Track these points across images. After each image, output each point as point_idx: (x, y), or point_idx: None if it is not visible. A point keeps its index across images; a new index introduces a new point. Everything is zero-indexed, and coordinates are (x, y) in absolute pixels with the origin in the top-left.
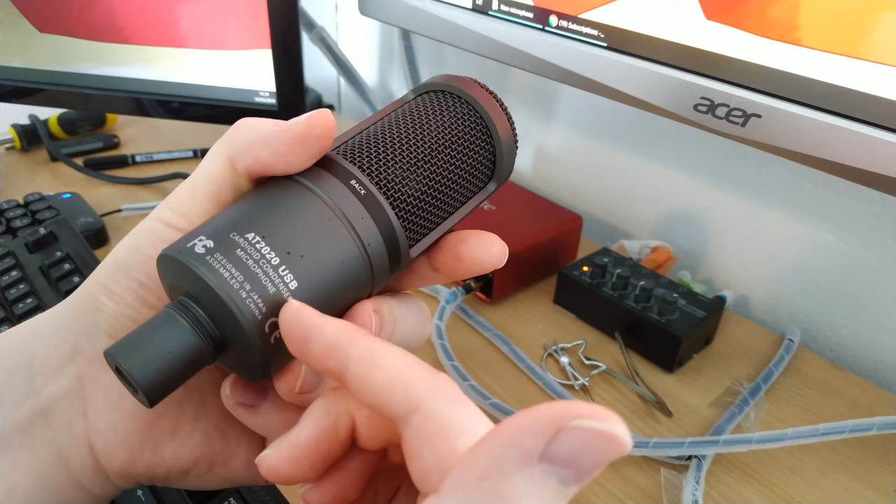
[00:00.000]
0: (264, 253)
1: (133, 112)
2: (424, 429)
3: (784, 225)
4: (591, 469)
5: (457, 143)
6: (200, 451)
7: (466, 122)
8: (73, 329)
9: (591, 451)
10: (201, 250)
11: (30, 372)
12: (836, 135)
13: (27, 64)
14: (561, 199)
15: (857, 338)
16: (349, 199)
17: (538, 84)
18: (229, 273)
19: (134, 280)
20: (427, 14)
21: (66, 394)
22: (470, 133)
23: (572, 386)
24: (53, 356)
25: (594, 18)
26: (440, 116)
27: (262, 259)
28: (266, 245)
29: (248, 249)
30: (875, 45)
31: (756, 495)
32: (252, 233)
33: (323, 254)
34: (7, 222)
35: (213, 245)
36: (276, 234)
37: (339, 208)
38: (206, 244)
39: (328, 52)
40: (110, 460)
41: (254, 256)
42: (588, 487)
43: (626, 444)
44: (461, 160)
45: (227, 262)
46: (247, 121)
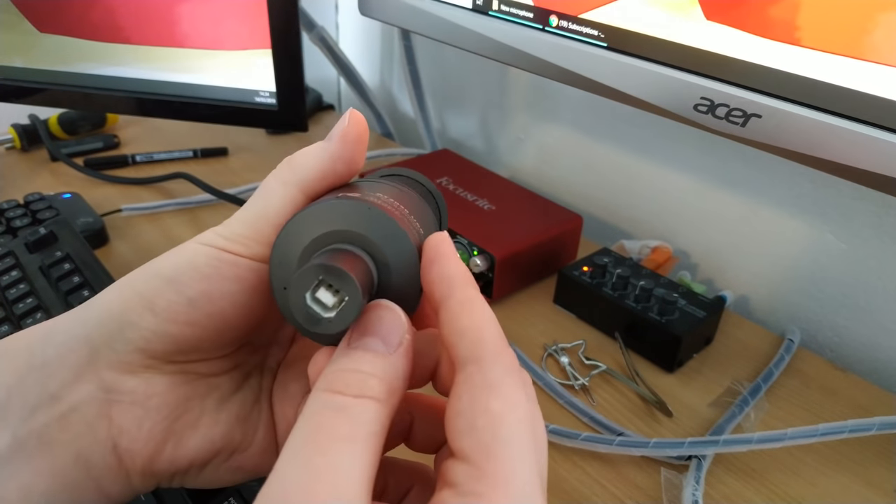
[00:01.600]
0: (396, 203)
1: (133, 112)
2: (473, 379)
3: (784, 225)
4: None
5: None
6: (222, 442)
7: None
8: (95, 335)
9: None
10: (355, 194)
11: (42, 373)
12: (836, 135)
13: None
14: (561, 199)
15: (857, 338)
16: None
17: (538, 84)
18: (390, 207)
19: (184, 296)
20: (427, 14)
21: (87, 399)
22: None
23: (572, 386)
24: (69, 359)
25: (594, 18)
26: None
27: (396, 206)
28: (401, 204)
29: (385, 200)
30: (875, 45)
31: (756, 495)
32: (379, 192)
33: (426, 217)
34: (7, 222)
35: (360, 194)
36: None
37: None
38: (352, 194)
39: (328, 52)
40: (134, 459)
41: (390, 202)
42: (588, 487)
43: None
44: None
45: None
46: (301, 151)
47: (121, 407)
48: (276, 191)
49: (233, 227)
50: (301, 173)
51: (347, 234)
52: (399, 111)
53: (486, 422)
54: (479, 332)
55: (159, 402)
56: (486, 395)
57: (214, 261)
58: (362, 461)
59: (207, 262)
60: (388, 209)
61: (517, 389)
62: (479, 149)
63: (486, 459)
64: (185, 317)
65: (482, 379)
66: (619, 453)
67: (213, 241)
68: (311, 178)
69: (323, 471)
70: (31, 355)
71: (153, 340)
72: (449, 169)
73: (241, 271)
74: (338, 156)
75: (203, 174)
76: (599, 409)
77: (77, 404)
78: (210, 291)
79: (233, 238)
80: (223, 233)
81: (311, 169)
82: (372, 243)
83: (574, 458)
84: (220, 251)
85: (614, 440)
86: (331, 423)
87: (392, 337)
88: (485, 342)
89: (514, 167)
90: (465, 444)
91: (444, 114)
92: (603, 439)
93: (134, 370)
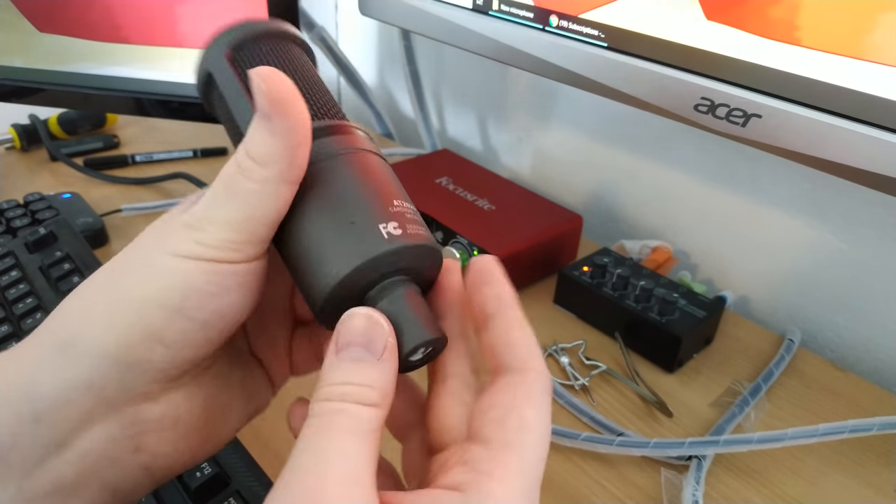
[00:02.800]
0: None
1: (133, 112)
2: (517, 385)
3: (784, 225)
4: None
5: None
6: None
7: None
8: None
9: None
10: (398, 231)
11: (39, 428)
12: (836, 135)
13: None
14: (561, 199)
15: (857, 338)
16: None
17: (538, 84)
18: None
19: (196, 322)
20: (427, 14)
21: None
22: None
23: (572, 386)
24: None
25: (594, 18)
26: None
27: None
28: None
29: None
30: (875, 45)
31: (756, 495)
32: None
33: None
34: (7, 222)
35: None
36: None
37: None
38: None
39: (328, 52)
40: (168, 472)
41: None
42: (588, 487)
43: None
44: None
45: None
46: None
47: (148, 437)
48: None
49: (219, 235)
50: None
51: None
52: (399, 111)
53: (517, 422)
54: (529, 348)
55: (187, 419)
56: (524, 402)
57: (215, 276)
58: (366, 450)
59: (208, 279)
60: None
61: (548, 408)
62: (479, 149)
63: (506, 450)
64: (200, 339)
65: (526, 388)
66: (619, 453)
67: (199, 252)
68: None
69: (333, 455)
70: (15, 411)
71: (169, 369)
72: (449, 169)
73: (241, 277)
74: (288, 128)
75: (203, 174)
76: (599, 409)
77: (91, 448)
78: (219, 308)
79: (223, 246)
80: (207, 241)
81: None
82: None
83: (574, 458)
84: (215, 263)
85: (614, 440)
86: (335, 420)
87: (376, 345)
88: (533, 358)
89: (514, 167)
90: (492, 433)
91: (444, 114)
92: (603, 439)
93: (153, 398)
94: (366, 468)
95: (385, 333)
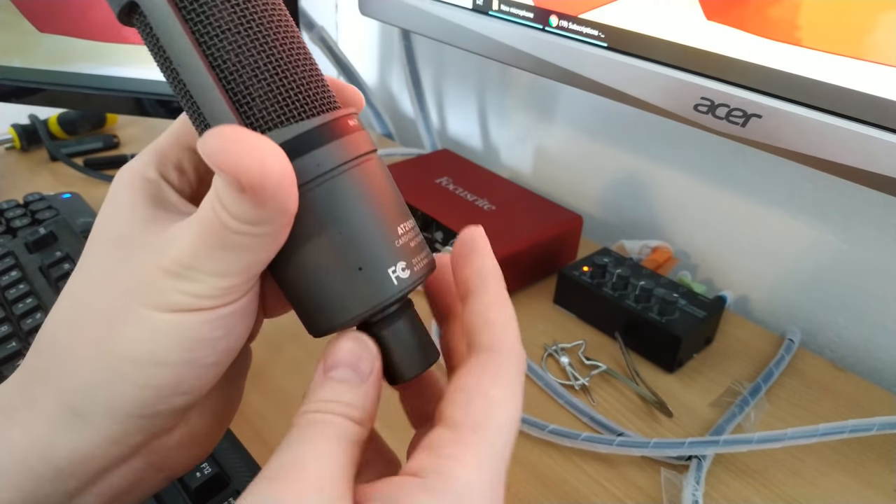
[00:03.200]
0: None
1: (133, 112)
2: (486, 364)
3: (784, 225)
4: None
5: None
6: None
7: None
8: (116, 435)
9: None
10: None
11: (57, 482)
12: (836, 135)
13: (27, 64)
14: (561, 199)
15: (857, 338)
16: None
17: (538, 84)
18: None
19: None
20: (427, 14)
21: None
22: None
23: (572, 386)
24: (89, 465)
25: (594, 18)
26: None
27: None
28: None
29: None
30: (875, 45)
31: (756, 495)
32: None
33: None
34: (7, 222)
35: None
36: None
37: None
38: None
39: (328, 52)
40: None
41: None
42: (588, 487)
43: None
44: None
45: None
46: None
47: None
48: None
49: (214, 283)
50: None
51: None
52: (399, 111)
53: (484, 403)
54: (504, 327)
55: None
56: (492, 382)
57: (217, 321)
58: (345, 457)
59: (212, 327)
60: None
61: (519, 388)
62: (479, 149)
63: (472, 433)
64: (214, 374)
65: (495, 367)
66: (619, 453)
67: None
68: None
69: (310, 457)
70: (32, 471)
71: (186, 408)
72: (449, 169)
73: (241, 311)
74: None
75: None
76: (599, 409)
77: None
78: (227, 347)
79: (219, 294)
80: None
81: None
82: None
83: (574, 458)
84: (215, 310)
85: (614, 440)
86: (316, 426)
87: (363, 366)
88: (507, 337)
89: (514, 167)
90: (457, 414)
91: (444, 114)
92: (603, 439)
93: (172, 429)
94: (341, 471)
95: (372, 358)
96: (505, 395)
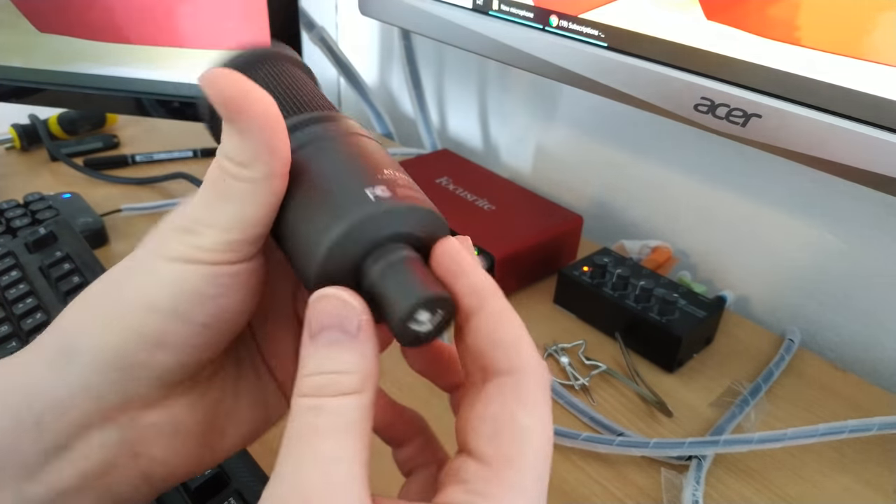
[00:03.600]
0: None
1: (133, 112)
2: (507, 389)
3: (784, 225)
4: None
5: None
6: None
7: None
8: (95, 384)
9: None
10: (387, 193)
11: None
12: (836, 135)
13: (27, 64)
14: (561, 199)
15: (857, 338)
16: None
17: (538, 84)
18: (418, 195)
19: (196, 324)
20: (427, 14)
21: (103, 444)
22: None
23: (572, 386)
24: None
25: (594, 18)
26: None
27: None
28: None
29: (398, 179)
30: (875, 45)
31: (756, 495)
32: (384, 169)
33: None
34: (7, 222)
35: (386, 188)
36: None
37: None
38: (381, 189)
39: (328, 52)
40: (167, 480)
41: (403, 180)
42: (588, 487)
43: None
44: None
45: (407, 191)
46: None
47: (147, 443)
48: (248, 190)
49: (215, 238)
50: (257, 166)
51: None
52: (399, 111)
53: (514, 434)
54: (516, 345)
55: (187, 426)
56: (518, 408)
57: (213, 279)
58: (350, 449)
59: (207, 281)
60: (420, 199)
61: (546, 409)
62: (479, 149)
63: (507, 468)
64: (202, 342)
65: (516, 391)
66: (619, 453)
67: (196, 255)
68: (264, 159)
69: (310, 462)
70: (15, 416)
71: (168, 374)
72: (449, 169)
73: (241, 277)
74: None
75: (202, 174)
76: (599, 409)
77: (90, 453)
78: (219, 310)
79: (219, 248)
80: (204, 244)
81: (256, 153)
82: (417, 238)
83: (574, 458)
84: (212, 266)
85: (614, 440)
86: (312, 421)
87: (349, 323)
88: (522, 355)
89: (514, 167)
90: (487, 449)
91: (444, 114)
92: (603, 439)
93: (153, 404)
94: (348, 470)
95: (357, 310)
96: (534, 421)
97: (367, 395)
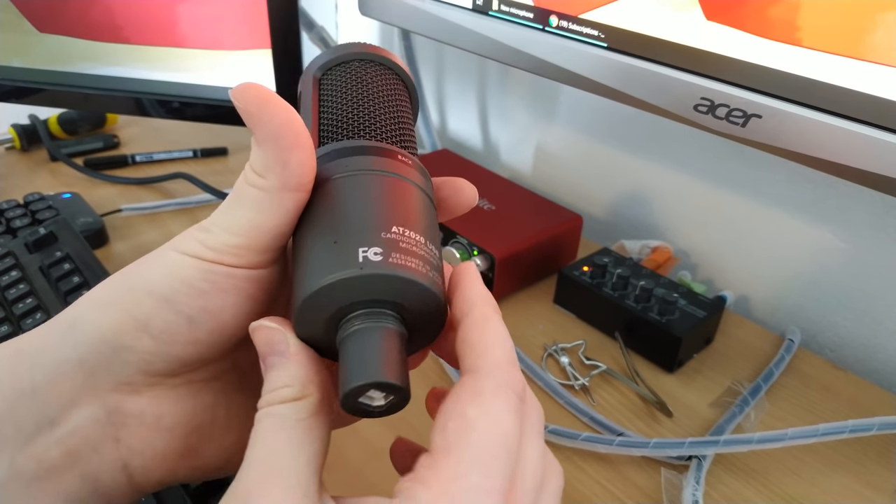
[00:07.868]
0: (415, 237)
1: (133, 112)
2: (464, 385)
3: (784, 225)
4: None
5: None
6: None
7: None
8: (87, 359)
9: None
10: (378, 257)
11: (35, 399)
12: (836, 135)
13: (27, 64)
14: (561, 199)
15: (857, 338)
16: (389, 161)
17: (538, 84)
18: (414, 265)
19: (182, 316)
20: (427, 14)
21: (88, 422)
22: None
23: (572, 386)
24: (63, 384)
25: (594, 18)
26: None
27: (416, 243)
28: (409, 230)
29: (405, 240)
30: (875, 45)
31: (756, 495)
32: (394, 226)
33: (428, 218)
34: (7, 222)
35: (380, 251)
36: (407, 218)
37: (394, 172)
38: (375, 251)
39: None
40: (147, 476)
41: (410, 243)
42: (588, 487)
43: None
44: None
45: (405, 257)
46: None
47: (129, 430)
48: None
49: (221, 238)
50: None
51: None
52: None
53: (457, 425)
54: (483, 346)
55: (171, 422)
56: (468, 401)
57: (209, 275)
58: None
59: (202, 276)
60: (413, 269)
61: (503, 406)
62: (479, 149)
63: (445, 455)
64: (186, 336)
65: (471, 386)
66: (619, 453)
67: (201, 252)
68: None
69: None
70: (17, 380)
71: (154, 361)
72: (449, 169)
73: (238, 282)
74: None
75: (203, 174)
76: (599, 409)
77: (77, 428)
78: (209, 307)
79: (223, 249)
80: (210, 243)
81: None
82: (405, 308)
83: (574, 459)
84: (212, 264)
85: (614, 440)
86: (261, 426)
87: (279, 346)
88: (486, 356)
89: (514, 167)
90: (435, 439)
91: (445, 114)
92: (603, 439)
93: (138, 390)
94: (288, 461)
95: (282, 332)
96: (480, 413)
97: (310, 399)
